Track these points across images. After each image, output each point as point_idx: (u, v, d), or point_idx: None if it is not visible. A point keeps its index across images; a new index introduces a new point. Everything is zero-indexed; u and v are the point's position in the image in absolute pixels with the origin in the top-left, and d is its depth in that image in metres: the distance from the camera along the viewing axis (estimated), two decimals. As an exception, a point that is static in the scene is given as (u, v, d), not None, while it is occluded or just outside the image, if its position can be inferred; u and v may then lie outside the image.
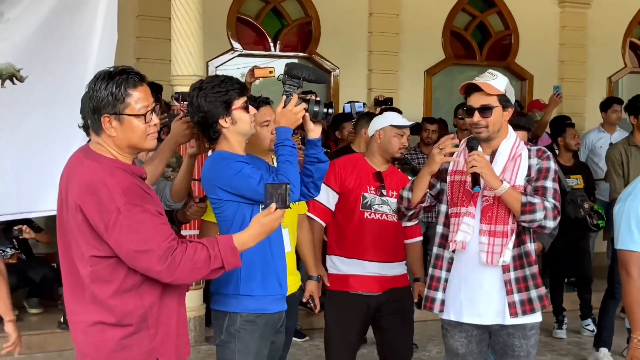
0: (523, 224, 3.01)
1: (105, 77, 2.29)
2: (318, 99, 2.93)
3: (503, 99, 3.05)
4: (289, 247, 3.37)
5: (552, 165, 3.11)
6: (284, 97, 2.86)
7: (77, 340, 2.37)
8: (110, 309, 2.28)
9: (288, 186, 2.43)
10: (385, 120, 3.90)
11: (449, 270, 3.14)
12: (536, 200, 2.97)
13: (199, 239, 2.45)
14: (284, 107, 2.84)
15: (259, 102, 3.20)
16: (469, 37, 8.98)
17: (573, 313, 6.39)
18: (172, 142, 3.02)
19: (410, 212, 3.23)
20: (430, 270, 3.23)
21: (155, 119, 2.34)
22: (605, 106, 7.64)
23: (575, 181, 6.08)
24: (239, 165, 2.76)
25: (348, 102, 6.99)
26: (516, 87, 8.85)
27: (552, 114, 7.62)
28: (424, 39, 8.57)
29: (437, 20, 8.69)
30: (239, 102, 2.81)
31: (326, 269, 3.87)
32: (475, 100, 3.03)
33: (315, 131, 2.89)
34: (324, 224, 3.88)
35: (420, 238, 4.05)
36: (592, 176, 6.35)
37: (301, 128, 2.98)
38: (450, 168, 3.15)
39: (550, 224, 2.99)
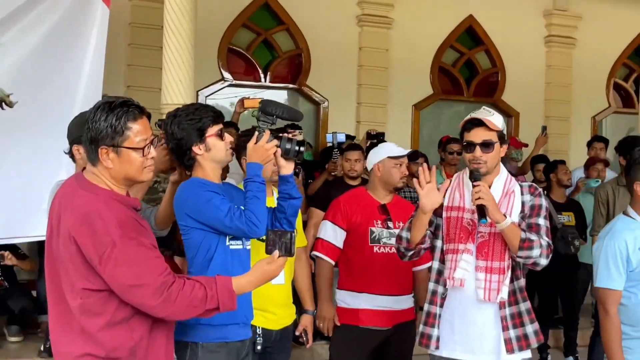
0: (519, 259, 3.01)
1: (105, 108, 2.26)
2: (290, 136, 2.97)
3: (501, 136, 3.06)
4: (282, 280, 3.35)
5: (544, 202, 3.12)
6: (257, 133, 2.89)
7: None
8: (99, 342, 2.24)
9: (294, 234, 2.44)
10: (382, 152, 3.90)
11: (442, 306, 3.13)
12: (534, 237, 2.97)
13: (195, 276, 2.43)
14: (256, 142, 2.86)
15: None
16: (456, 73, 9.08)
17: (555, 350, 6.39)
18: None
19: (411, 252, 3.18)
20: (426, 306, 3.21)
21: (153, 152, 2.33)
22: (589, 144, 7.75)
23: (567, 218, 6.13)
24: (208, 195, 2.76)
25: (330, 133, 6.99)
26: (502, 124, 8.93)
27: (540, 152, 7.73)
28: (413, 74, 8.66)
29: (425, 56, 8.79)
30: (213, 130, 2.83)
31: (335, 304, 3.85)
32: (477, 136, 3.03)
33: (286, 168, 2.92)
34: (333, 262, 3.87)
35: (430, 264, 4.02)
36: (583, 213, 6.41)
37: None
38: (445, 203, 3.12)
39: (544, 261, 2.99)
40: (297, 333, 3.70)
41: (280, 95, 8.61)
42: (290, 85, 8.45)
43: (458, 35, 8.97)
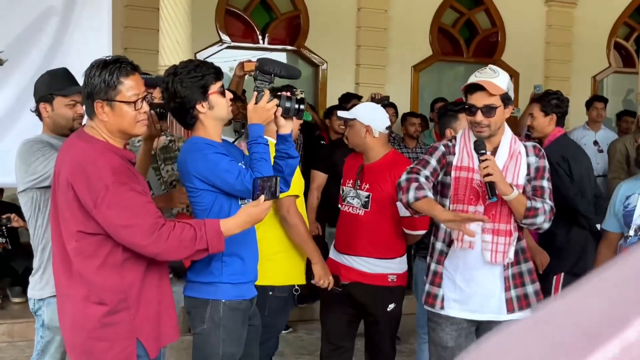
0: (522, 225, 3.01)
1: (100, 65, 2.44)
2: (289, 94, 2.94)
3: (505, 97, 2.98)
4: None
5: (547, 164, 3.08)
6: (255, 93, 2.86)
7: (63, 313, 2.49)
8: (92, 285, 2.39)
9: (278, 179, 2.55)
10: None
11: (442, 264, 3.12)
12: (539, 204, 2.95)
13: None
14: (256, 103, 2.83)
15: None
16: (456, 34, 9.05)
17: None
18: None
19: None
20: (433, 265, 3.17)
21: (145, 107, 2.46)
22: (588, 104, 7.75)
23: None
24: (217, 158, 2.74)
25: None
26: (502, 85, 8.90)
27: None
28: (412, 35, 8.63)
29: (425, 16, 8.75)
30: (216, 87, 2.80)
31: None
32: (478, 99, 2.95)
33: (286, 127, 2.90)
34: None
35: (421, 232, 3.77)
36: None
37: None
38: (454, 163, 3.07)
39: (547, 225, 2.99)
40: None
41: (278, 58, 8.56)
42: (289, 47, 8.42)
43: (458, -5, 8.93)
